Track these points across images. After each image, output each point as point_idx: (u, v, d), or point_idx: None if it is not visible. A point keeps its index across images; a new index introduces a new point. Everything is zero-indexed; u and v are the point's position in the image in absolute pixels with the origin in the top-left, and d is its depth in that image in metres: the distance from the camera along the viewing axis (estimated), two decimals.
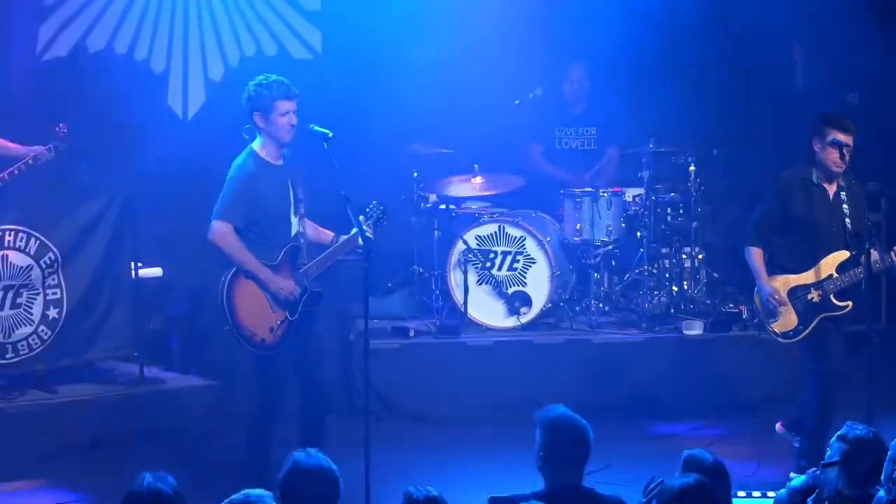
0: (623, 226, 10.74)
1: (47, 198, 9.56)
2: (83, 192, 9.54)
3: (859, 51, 11.37)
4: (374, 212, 7.78)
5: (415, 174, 10.80)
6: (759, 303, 8.29)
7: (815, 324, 8.13)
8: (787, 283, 8.19)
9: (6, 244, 8.94)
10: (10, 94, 10.10)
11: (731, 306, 10.62)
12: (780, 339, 8.28)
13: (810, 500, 5.34)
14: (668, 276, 10.82)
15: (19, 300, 9.00)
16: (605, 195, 10.57)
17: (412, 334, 10.26)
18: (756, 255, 8.24)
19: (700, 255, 10.85)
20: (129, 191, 9.32)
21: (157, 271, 10.03)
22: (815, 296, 8.13)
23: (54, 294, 9.11)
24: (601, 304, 10.73)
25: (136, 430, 9.06)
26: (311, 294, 7.58)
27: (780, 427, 8.54)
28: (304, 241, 7.60)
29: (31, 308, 9.03)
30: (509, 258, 10.42)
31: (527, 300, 10.38)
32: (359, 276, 7.18)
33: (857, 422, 5.55)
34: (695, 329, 10.25)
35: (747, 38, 11.58)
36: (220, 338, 7.78)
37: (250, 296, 7.42)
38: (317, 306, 7.66)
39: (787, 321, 8.20)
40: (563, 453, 5.31)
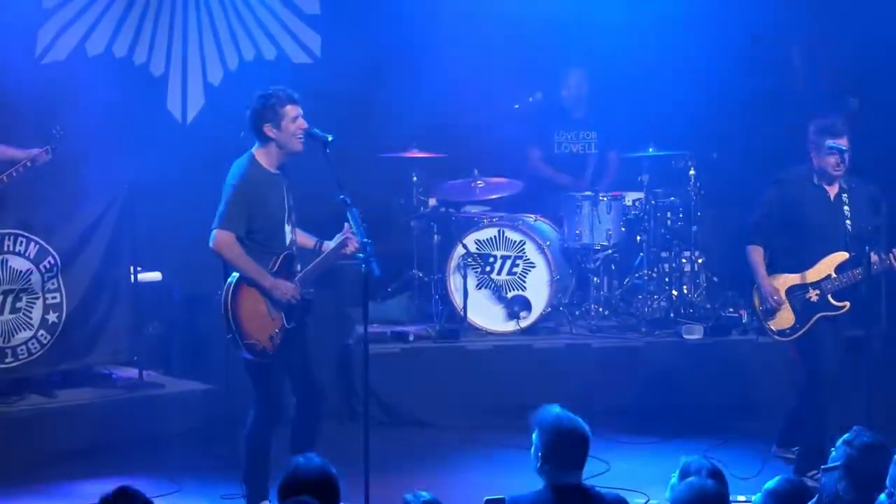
0: (623, 230, 10.73)
1: (47, 202, 9.54)
2: (82, 197, 9.54)
3: (860, 54, 11.36)
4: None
5: (414, 178, 10.80)
6: (757, 301, 8.33)
7: (811, 323, 8.18)
8: (785, 282, 8.25)
9: (6, 248, 8.94)
10: (9, 97, 10.08)
11: (731, 310, 10.61)
12: (776, 337, 8.34)
13: None
14: (667, 280, 10.82)
15: (19, 304, 9.00)
16: (604, 199, 10.56)
17: (412, 339, 10.24)
18: (756, 254, 8.29)
19: (700, 260, 10.84)
20: (128, 195, 9.31)
21: (156, 275, 10.03)
22: (812, 295, 8.17)
23: (54, 298, 9.11)
24: (601, 309, 10.73)
25: (136, 435, 9.05)
26: (304, 301, 7.55)
27: (775, 450, 8.60)
28: (296, 249, 7.58)
29: (30, 312, 9.03)
30: (509, 262, 10.41)
31: (526, 304, 10.37)
32: (358, 281, 7.16)
33: (863, 428, 5.55)
34: (695, 333, 10.24)
35: (747, 41, 11.57)
36: (219, 342, 7.76)
37: (252, 305, 7.37)
38: (308, 313, 7.63)
39: (785, 319, 8.26)
40: (563, 453, 5.30)
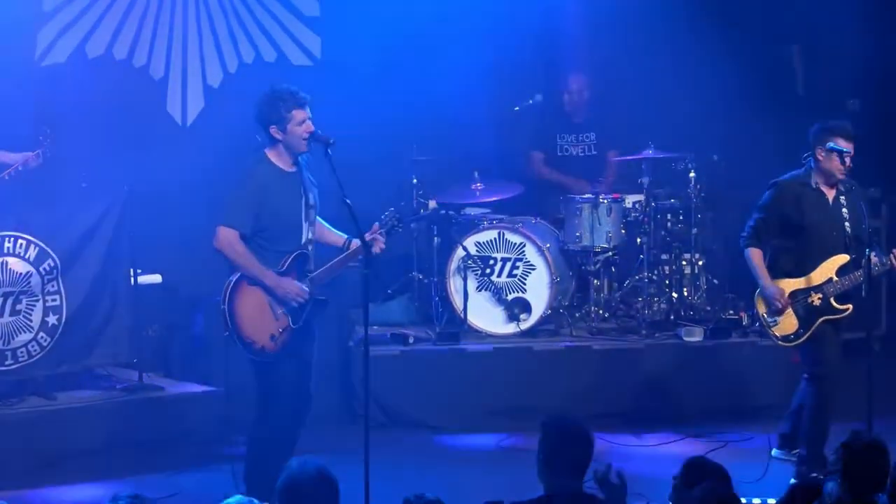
0: (623, 232, 10.72)
1: (47, 204, 9.54)
2: (82, 199, 9.53)
3: (860, 57, 11.36)
4: (389, 220, 7.54)
5: (414, 180, 10.79)
6: (761, 306, 8.30)
7: (815, 327, 8.15)
8: (787, 287, 8.23)
9: (5, 251, 8.92)
10: (9, 99, 10.07)
11: (731, 313, 10.60)
12: (780, 343, 8.32)
13: None
14: (668, 282, 10.81)
15: (19, 307, 8.98)
16: (604, 201, 10.55)
17: (411, 341, 10.24)
18: (756, 257, 8.27)
19: (700, 262, 10.83)
20: (128, 197, 9.29)
21: (156, 278, 10.01)
22: (815, 299, 8.15)
23: (53, 301, 9.09)
24: (601, 311, 10.72)
25: (136, 437, 9.04)
26: (316, 302, 7.45)
27: (776, 452, 8.59)
28: (312, 249, 7.48)
29: (30, 315, 9.02)
30: (509, 264, 10.40)
31: (526, 307, 10.36)
32: (358, 283, 7.15)
33: (861, 430, 5.55)
34: (695, 336, 10.23)
35: (748, 43, 11.56)
36: (220, 344, 7.75)
37: (252, 302, 7.35)
38: (321, 315, 7.57)
39: (788, 325, 8.24)
40: (566, 459, 5.30)
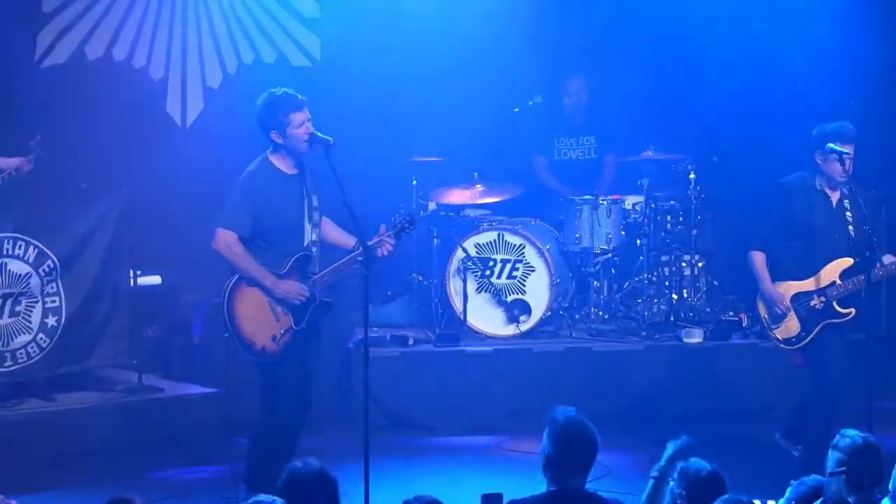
0: (623, 234, 10.72)
1: (46, 206, 9.54)
2: (82, 200, 9.55)
3: (860, 58, 11.35)
4: (398, 221, 7.50)
5: (414, 182, 10.78)
6: (763, 309, 8.29)
7: (817, 331, 8.13)
8: (789, 289, 8.19)
9: (5, 252, 8.94)
10: (9, 101, 10.08)
11: (731, 314, 10.60)
12: (782, 346, 8.29)
13: None
14: (667, 284, 10.80)
15: (18, 308, 9.00)
16: (604, 203, 10.55)
17: (411, 342, 10.24)
18: (759, 260, 8.24)
19: (700, 263, 10.83)
20: (127, 199, 9.31)
21: (155, 279, 10.03)
22: (817, 302, 8.13)
23: (53, 302, 9.10)
24: (601, 313, 10.72)
25: (135, 438, 9.05)
26: (320, 303, 7.41)
27: (779, 437, 8.55)
28: (316, 250, 7.45)
29: (29, 316, 9.02)
30: (508, 266, 10.40)
31: (526, 308, 10.36)
32: (358, 285, 7.14)
33: (847, 429, 5.55)
34: (695, 337, 10.23)
35: (747, 44, 11.56)
36: (219, 345, 7.75)
37: (252, 304, 7.33)
38: (325, 317, 7.54)
39: (790, 328, 8.21)
40: (569, 456, 5.30)
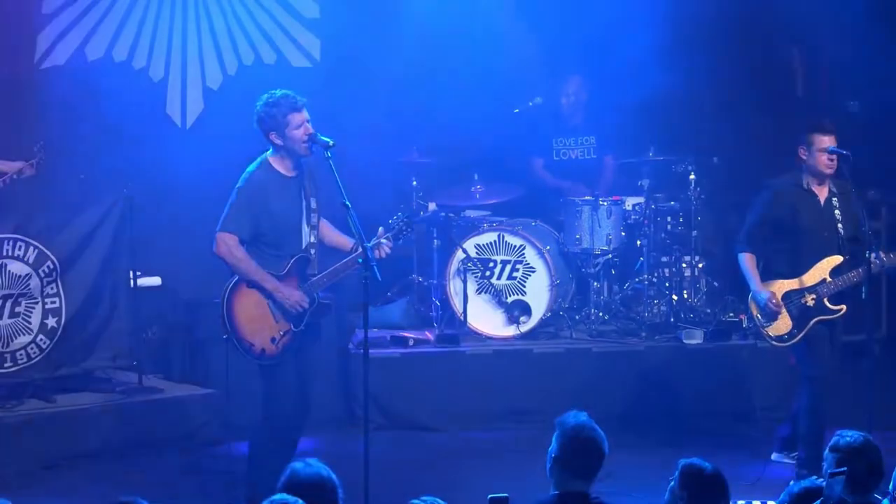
0: (623, 234, 10.72)
1: (46, 207, 9.54)
2: (82, 201, 9.54)
3: (859, 58, 11.36)
4: (397, 224, 7.52)
5: (414, 182, 10.79)
6: (755, 308, 8.35)
7: (809, 327, 8.20)
8: (781, 288, 8.27)
9: (5, 253, 8.93)
10: (9, 102, 10.08)
11: (731, 315, 10.59)
12: (774, 343, 8.38)
13: None
14: (668, 284, 10.80)
15: (18, 309, 8.99)
16: (604, 204, 10.55)
17: (411, 343, 10.23)
18: (749, 261, 8.32)
19: (700, 264, 10.83)
20: (127, 199, 9.30)
21: (155, 280, 10.02)
22: (808, 300, 8.20)
23: (53, 303, 9.10)
24: (601, 313, 10.71)
25: (135, 439, 9.05)
26: (319, 305, 7.43)
27: (775, 456, 8.59)
28: (315, 252, 7.46)
29: (29, 317, 9.02)
30: (509, 267, 10.40)
31: (526, 309, 10.35)
32: (358, 286, 7.14)
33: (844, 430, 5.57)
34: (695, 338, 10.23)
35: (747, 45, 11.57)
36: (219, 346, 7.74)
37: (251, 305, 7.34)
38: (324, 318, 7.54)
39: (782, 325, 8.29)
40: (576, 460, 5.31)
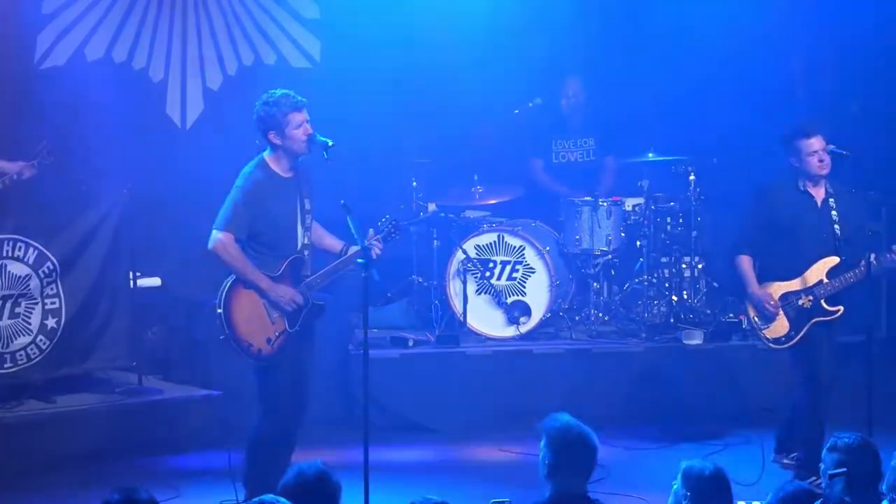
0: (622, 235, 10.72)
1: (46, 207, 9.53)
2: (82, 202, 9.53)
3: (860, 59, 11.36)
4: (385, 226, 7.60)
5: (414, 183, 10.79)
6: (752, 310, 8.34)
7: (806, 329, 8.18)
8: (777, 289, 8.27)
9: (5, 253, 8.92)
10: (8, 102, 10.08)
11: (731, 316, 10.58)
12: (771, 345, 8.36)
13: None
14: (667, 285, 10.80)
15: (17, 310, 8.98)
16: (604, 204, 10.55)
17: (411, 344, 10.23)
18: (745, 263, 8.32)
19: (700, 265, 10.83)
20: (127, 200, 9.30)
21: (155, 281, 10.02)
22: (805, 301, 8.19)
23: (52, 304, 9.09)
24: (601, 314, 10.71)
25: (135, 440, 9.04)
26: (312, 306, 7.44)
27: (774, 456, 8.59)
28: (308, 254, 7.48)
29: (29, 318, 9.01)
30: (508, 268, 10.40)
31: (526, 310, 10.35)
32: (358, 286, 7.14)
33: (842, 431, 5.57)
34: (695, 339, 10.23)
35: (747, 46, 11.56)
36: (219, 348, 7.74)
37: (248, 306, 7.34)
38: (318, 319, 7.55)
39: (779, 327, 8.27)
40: (569, 462, 5.30)
